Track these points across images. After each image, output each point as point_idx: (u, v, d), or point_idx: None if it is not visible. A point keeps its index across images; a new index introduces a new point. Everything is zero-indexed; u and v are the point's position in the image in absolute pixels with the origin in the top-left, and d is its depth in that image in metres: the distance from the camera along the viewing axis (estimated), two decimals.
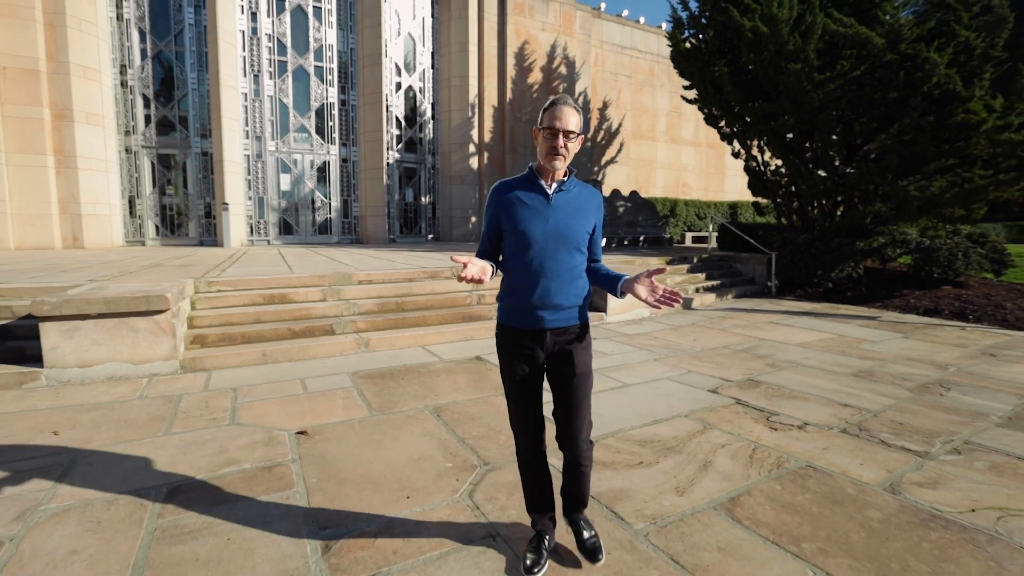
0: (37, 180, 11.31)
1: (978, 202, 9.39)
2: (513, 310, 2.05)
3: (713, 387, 4.63)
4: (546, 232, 1.96)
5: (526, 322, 2.03)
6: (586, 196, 2.07)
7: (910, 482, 2.94)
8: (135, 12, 12.70)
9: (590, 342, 2.15)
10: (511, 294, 2.05)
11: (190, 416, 3.85)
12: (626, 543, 2.35)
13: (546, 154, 1.95)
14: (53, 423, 3.69)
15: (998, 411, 4.08)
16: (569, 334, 2.06)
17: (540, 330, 2.02)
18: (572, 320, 2.06)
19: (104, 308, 4.52)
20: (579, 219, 2.02)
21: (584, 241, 2.05)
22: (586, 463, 2.18)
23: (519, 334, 2.05)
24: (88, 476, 2.93)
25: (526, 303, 2.01)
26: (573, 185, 2.05)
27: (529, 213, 1.97)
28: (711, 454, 3.27)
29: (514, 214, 1.99)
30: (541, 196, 2.00)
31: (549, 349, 2.05)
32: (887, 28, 8.96)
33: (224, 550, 2.28)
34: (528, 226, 1.97)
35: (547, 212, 1.98)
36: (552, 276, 1.98)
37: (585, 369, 2.09)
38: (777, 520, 2.54)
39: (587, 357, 2.12)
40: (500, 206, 2.03)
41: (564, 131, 1.90)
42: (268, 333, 5.51)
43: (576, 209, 2.02)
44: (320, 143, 14.99)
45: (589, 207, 2.06)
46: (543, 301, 1.98)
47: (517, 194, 2.01)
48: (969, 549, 2.33)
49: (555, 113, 1.92)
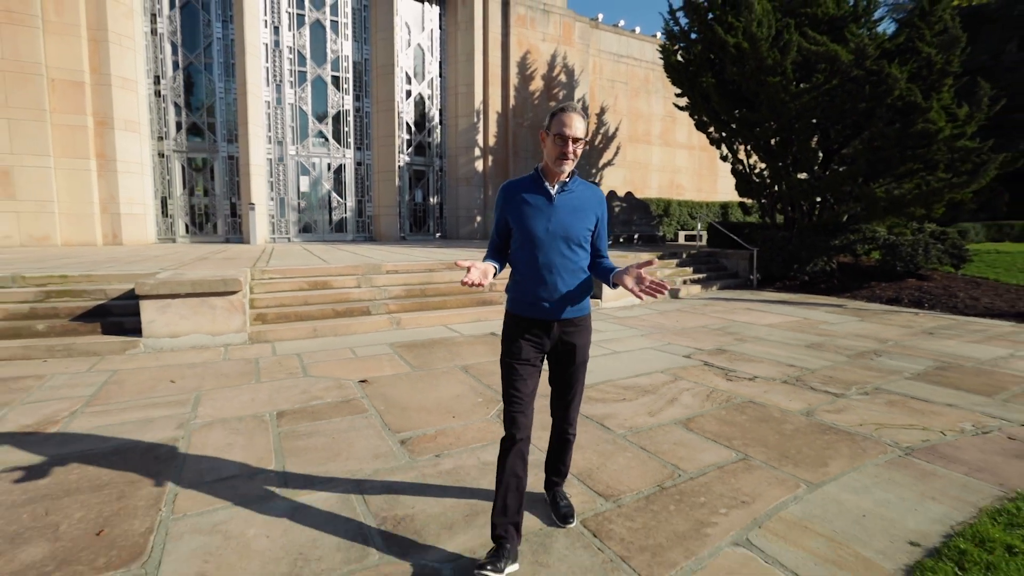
0: (81, 182, 12.33)
1: (936, 202, 10.40)
2: (522, 301, 2.19)
3: (687, 354, 5.66)
4: (549, 230, 2.10)
5: (534, 312, 2.16)
6: (588, 195, 2.20)
7: (822, 410, 3.97)
8: (168, 27, 13.74)
9: (590, 332, 2.31)
10: (520, 286, 2.19)
11: (271, 371, 4.87)
12: (609, 440, 3.38)
13: (556, 158, 2.07)
14: (167, 376, 4.72)
15: (912, 370, 5.11)
16: (573, 324, 2.21)
17: (548, 320, 2.16)
18: (576, 312, 2.20)
19: (191, 289, 5.55)
20: (580, 218, 2.15)
21: (586, 238, 2.18)
22: (572, 433, 2.39)
23: (528, 323, 2.18)
24: (213, 406, 3.96)
25: (534, 295, 2.14)
26: (576, 185, 2.18)
27: (533, 212, 2.11)
28: (677, 395, 4.30)
29: (519, 213, 2.13)
30: (544, 197, 2.13)
31: (555, 337, 2.19)
32: (854, 46, 9.98)
33: (332, 442, 3.31)
34: (532, 224, 2.10)
35: (549, 212, 2.11)
36: (556, 271, 2.11)
37: (584, 357, 2.28)
38: (719, 429, 3.57)
39: (587, 347, 2.29)
40: (507, 205, 2.18)
41: (573, 137, 2.03)
42: (316, 313, 6.54)
43: (577, 208, 2.15)
44: (337, 147, 16.04)
45: (590, 206, 2.19)
46: (549, 294, 2.12)
47: (523, 194, 2.15)
48: (848, 443, 3.36)
49: (564, 120, 2.03)
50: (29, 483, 2.78)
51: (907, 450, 3.26)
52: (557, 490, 2.49)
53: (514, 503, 2.09)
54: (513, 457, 2.12)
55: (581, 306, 2.21)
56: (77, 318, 5.78)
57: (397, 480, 2.84)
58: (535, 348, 2.18)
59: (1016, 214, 29.51)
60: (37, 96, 11.62)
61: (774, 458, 3.13)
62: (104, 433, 3.43)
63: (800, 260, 11.00)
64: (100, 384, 4.45)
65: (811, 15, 11.47)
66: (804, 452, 3.23)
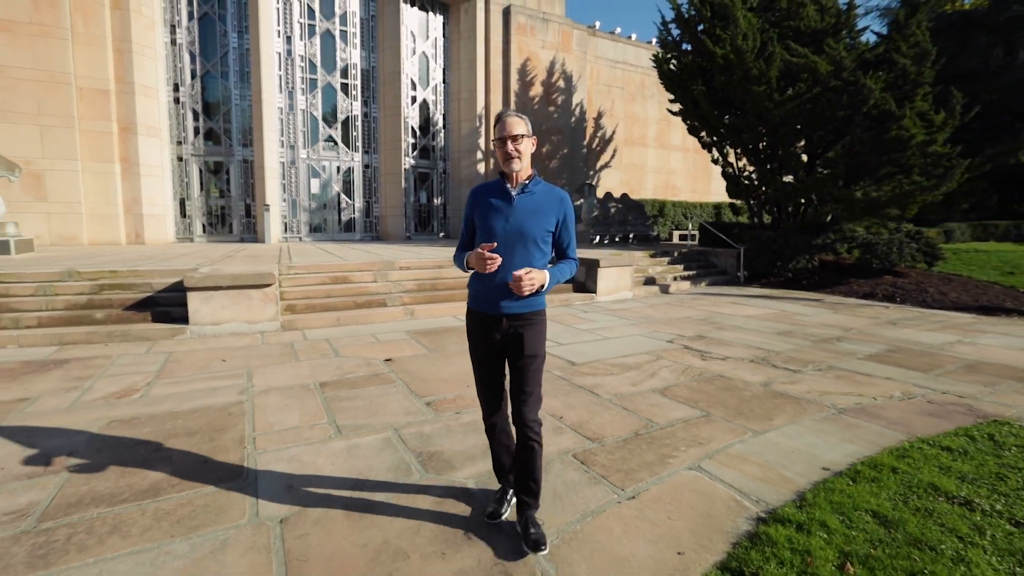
0: (106, 185, 13.03)
1: (910, 204, 11.12)
2: (477, 296, 2.31)
3: (669, 339, 6.39)
4: (506, 229, 2.19)
5: (487, 307, 2.26)
6: (549, 197, 2.27)
7: (778, 382, 4.70)
8: (187, 37, 14.45)
9: (543, 328, 2.33)
10: (477, 281, 2.30)
11: (306, 352, 5.60)
12: (598, 402, 4.11)
13: (503, 160, 2.20)
14: (216, 356, 5.44)
15: (865, 352, 5.84)
16: (523, 319, 2.26)
17: (498, 315, 2.25)
18: (526, 308, 2.25)
19: (231, 282, 6.28)
20: (539, 219, 2.22)
21: (543, 238, 2.25)
22: (535, 439, 2.26)
23: (482, 317, 2.30)
24: (265, 378, 4.69)
25: (487, 291, 2.25)
26: (537, 187, 2.27)
27: (493, 212, 2.22)
28: (658, 370, 5.03)
29: (482, 212, 2.25)
30: (505, 198, 2.23)
31: (505, 332, 2.26)
32: (832, 58, 10.70)
33: (370, 404, 4.04)
34: (492, 223, 2.21)
35: (508, 211, 2.21)
36: (511, 269, 2.16)
37: (534, 351, 2.27)
38: (689, 396, 4.30)
39: (537, 341, 2.29)
40: (474, 205, 2.31)
41: (511, 136, 2.15)
42: (338, 304, 7.27)
43: (536, 209, 2.23)
44: (345, 151, 16.75)
45: (550, 207, 2.26)
46: (500, 290, 2.21)
47: (487, 196, 2.27)
48: (793, 405, 4.09)
49: (502, 125, 2.18)
50: (136, 431, 3.51)
51: (841, 410, 3.99)
52: (529, 515, 2.32)
53: (507, 460, 2.53)
54: (496, 434, 2.49)
55: (532, 302, 2.26)
56: (129, 308, 6.51)
57: (427, 429, 3.57)
58: (491, 341, 2.30)
59: (1005, 214, 30.27)
60: (67, 104, 12.33)
61: (730, 415, 3.86)
62: (181, 398, 4.16)
63: (784, 258, 11.73)
64: (162, 362, 5.18)
65: (795, 27, 12.19)
66: (756, 411, 3.96)
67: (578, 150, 19.80)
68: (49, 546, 2.28)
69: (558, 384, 4.57)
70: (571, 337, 6.46)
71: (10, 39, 11.72)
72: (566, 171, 19.40)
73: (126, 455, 3.14)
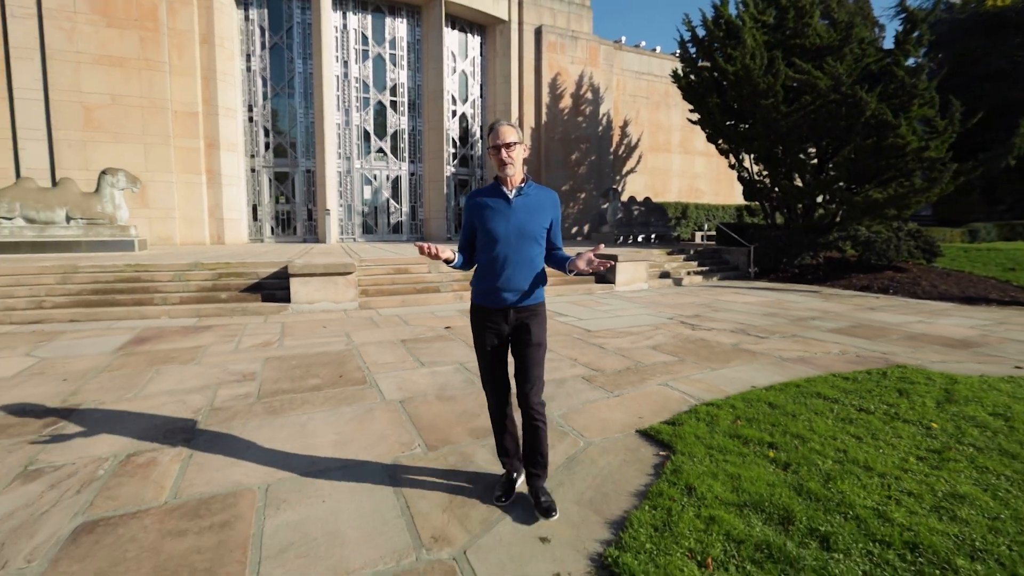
0: (194, 193, 15.22)
1: (906, 205, 12.18)
2: (483, 292, 2.45)
3: (670, 317, 7.84)
4: (508, 229, 2.34)
5: (494, 302, 2.41)
6: (543, 197, 2.44)
7: (745, 343, 6.12)
8: (259, 65, 16.60)
9: (545, 318, 2.51)
10: (482, 279, 2.44)
11: (383, 322, 7.30)
12: (603, 352, 5.64)
13: (498, 165, 2.35)
14: (318, 324, 7.19)
15: (830, 327, 7.16)
16: (528, 311, 2.44)
17: (505, 308, 2.40)
18: (530, 300, 2.43)
19: (323, 270, 8.05)
20: (536, 217, 2.39)
21: (541, 235, 2.43)
22: (540, 419, 2.47)
23: (488, 311, 2.45)
24: (360, 337, 6.38)
25: (493, 287, 2.39)
26: (531, 189, 2.42)
27: (494, 215, 2.36)
28: (653, 335, 6.52)
29: (483, 216, 2.38)
30: (503, 200, 2.37)
31: (512, 323, 2.43)
32: (831, 75, 11.89)
33: (440, 350, 5.68)
34: (493, 225, 2.35)
35: (508, 213, 2.35)
36: (514, 265, 2.35)
37: (539, 340, 2.45)
38: (672, 350, 5.78)
39: (541, 330, 2.47)
40: (472, 210, 2.42)
41: (504, 144, 2.31)
42: (401, 289, 8.98)
43: (533, 209, 2.39)
44: (394, 161, 18.67)
45: (545, 206, 2.43)
46: (507, 285, 2.37)
47: (485, 200, 2.40)
48: (749, 356, 5.52)
49: (496, 133, 2.34)
50: (287, 363, 5.24)
51: (784, 359, 5.41)
52: (539, 485, 2.53)
53: (512, 444, 2.67)
54: (499, 418, 2.64)
55: (534, 295, 2.46)
56: (243, 290, 8.37)
57: None
58: (497, 333, 2.47)
59: None
60: (164, 125, 14.55)
61: (700, 360, 5.34)
62: (306, 347, 5.89)
63: (789, 255, 12.93)
64: (280, 328, 6.96)
65: (800, 45, 13.39)
66: (719, 359, 5.42)
67: (605, 156, 21.22)
68: (272, 406, 3.98)
69: (576, 343, 6.12)
70: (590, 315, 7.98)
71: (123, 73, 13.99)
72: (594, 176, 20.84)
73: (289, 374, 4.86)
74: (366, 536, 2.37)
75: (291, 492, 2.74)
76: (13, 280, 7.96)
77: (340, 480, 2.87)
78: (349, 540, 2.34)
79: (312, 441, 3.37)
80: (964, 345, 6.11)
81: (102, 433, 3.49)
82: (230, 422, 3.69)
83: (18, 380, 4.68)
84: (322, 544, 2.31)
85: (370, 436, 3.46)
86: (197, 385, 4.52)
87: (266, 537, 2.36)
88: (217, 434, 3.49)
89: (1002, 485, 2.72)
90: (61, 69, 13.54)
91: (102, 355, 5.56)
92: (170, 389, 4.42)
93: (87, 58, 13.72)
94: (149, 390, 4.40)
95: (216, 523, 2.47)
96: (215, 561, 2.18)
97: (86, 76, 13.75)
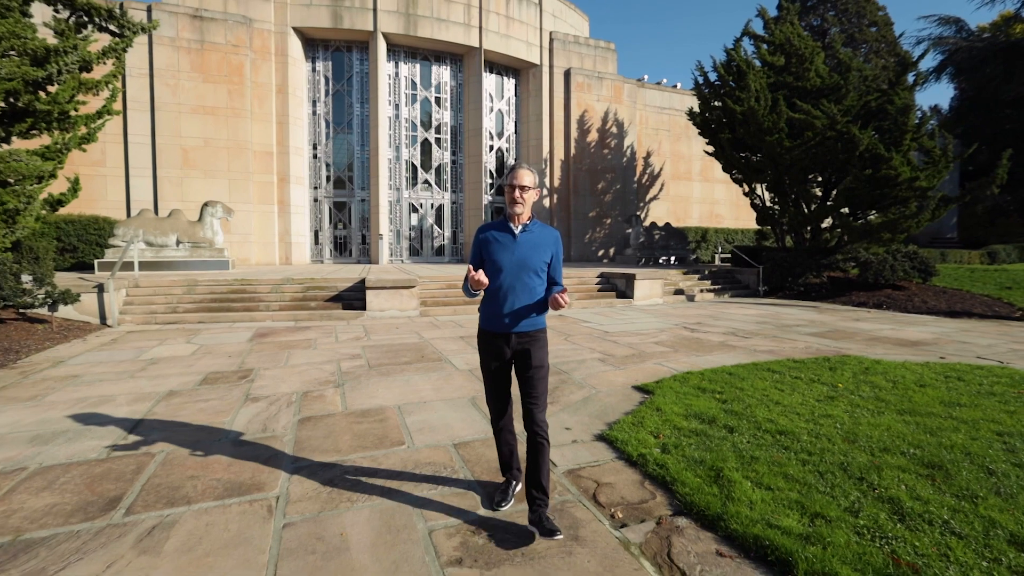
0: (267, 221, 17.60)
1: (899, 230, 13.49)
2: (488, 316, 2.72)
3: (676, 323, 9.45)
4: (512, 261, 2.64)
5: (497, 326, 2.68)
6: (545, 235, 2.72)
7: (730, 341, 7.71)
8: (323, 109, 19.13)
9: (545, 343, 2.75)
10: (488, 305, 2.72)
11: (442, 325, 9.14)
12: (616, 345, 7.33)
13: (509, 203, 2.65)
14: (391, 326, 9.07)
15: (809, 331, 8.66)
16: (528, 336, 2.69)
17: (507, 333, 2.67)
18: (531, 326, 2.68)
19: (392, 284, 9.99)
20: (538, 252, 2.68)
21: (542, 268, 2.70)
22: (543, 437, 2.65)
23: (493, 335, 2.71)
24: (427, 334, 8.23)
25: (498, 313, 2.67)
26: (535, 227, 2.71)
27: (500, 248, 2.66)
28: (659, 336, 8.15)
29: (490, 248, 2.68)
30: (510, 235, 2.67)
31: (514, 347, 2.69)
32: (827, 115, 13.44)
33: None
34: (499, 257, 2.65)
35: (513, 247, 2.65)
36: (516, 293, 2.65)
37: (540, 363, 2.69)
38: (671, 344, 7.42)
39: (543, 353, 2.71)
40: (482, 243, 2.72)
41: (520, 186, 2.61)
42: (453, 301, 10.85)
43: (536, 245, 2.68)
44: (438, 191, 20.86)
45: (547, 243, 2.71)
46: (509, 311, 2.65)
47: (494, 234, 2.70)
48: (730, 348, 7.12)
49: (514, 174, 2.63)
50: (379, 350, 7.10)
51: (756, 351, 6.98)
52: (541, 512, 2.58)
53: (514, 461, 2.94)
54: (503, 435, 2.90)
55: (535, 321, 2.68)
56: (327, 300, 10.37)
57: None
58: (499, 355, 2.70)
59: None
60: (246, 163, 17.02)
61: (690, 351, 6.97)
62: (389, 340, 7.75)
63: (794, 274, 14.33)
64: (362, 328, 8.86)
65: (801, 87, 15.00)
66: (705, 350, 7.03)
67: (629, 185, 22.96)
68: (382, 372, 5.81)
69: (596, 339, 7.81)
70: (609, 322, 9.66)
71: (214, 120, 16.57)
72: (619, 203, 22.59)
73: (384, 355, 6.71)
74: (465, 424, 4.15)
75: (415, 408, 4.55)
76: (152, 291, 10.15)
77: (442, 404, 4.66)
78: (455, 425, 4.11)
79: (416, 388, 5.18)
80: (913, 344, 7.55)
81: (279, 383, 5.38)
82: (358, 379, 5.54)
83: (196, 357, 6.66)
84: (440, 427, 4.09)
85: (453, 386, 5.25)
86: (323, 360, 6.42)
87: (407, 424, 4.16)
88: (354, 384, 5.34)
89: (862, 414, 4.28)
90: (166, 118, 16.18)
91: (240, 343, 7.54)
92: (306, 362, 6.32)
93: (186, 108, 16.35)
94: (292, 362, 6.31)
95: (377, 419, 4.28)
96: (384, 434, 3.98)
97: (185, 123, 16.36)
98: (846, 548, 2.39)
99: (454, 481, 3.18)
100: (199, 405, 4.64)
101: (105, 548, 2.48)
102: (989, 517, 2.64)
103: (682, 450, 3.50)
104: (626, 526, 2.69)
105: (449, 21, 19.24)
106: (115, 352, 6.93)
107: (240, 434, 3.94)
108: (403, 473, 3.28)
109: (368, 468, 3.35)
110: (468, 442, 3.78)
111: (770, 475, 3.11)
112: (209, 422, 4.20)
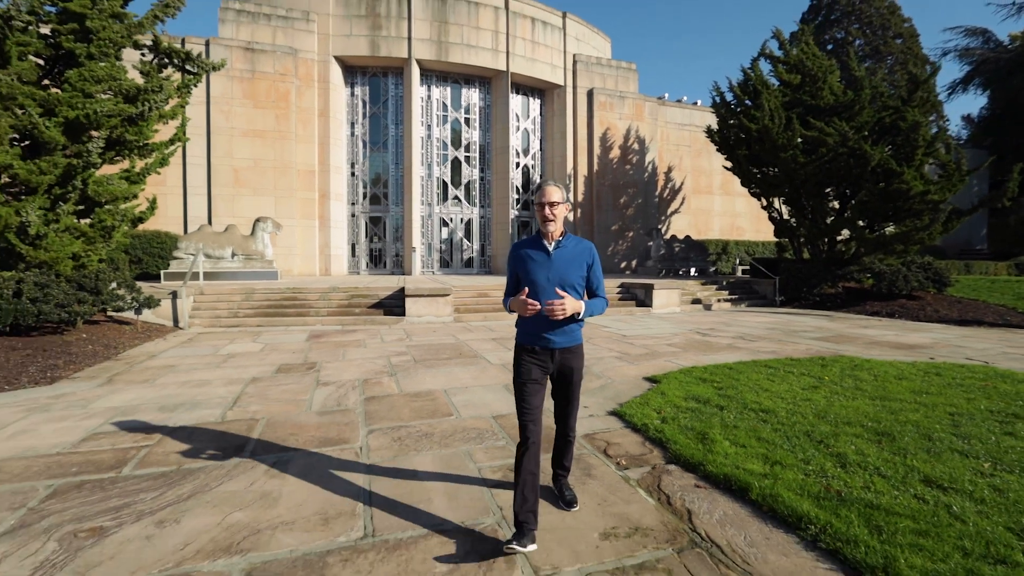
0: (309, 234, 18.92)
1: (912, 242, 13.94)
2: (528, 334, 2.77)
3: (689, 328, 10.19)
4: (548, 278, 2.67)
5: (539, 343, 2.73)
6: (580, 249, 2.78)
7: (737, 344, 8.43)
8: (361, 130, 20.49)
9: (583, 355, 2.88)
10: (526, 323, 2.76)
11: (475, 329, 10.06)
12: (632, 346, 8.14)
13: (541, 221, 2.72)
14: (429, 329, 10.03)
15: (815, 336, 9.30)
16: (570, 351, 2.78)
17: (550, 349, 2.73)
18: (570, 341, 2.77)
19: (429, 292, 10.98)
20: (574, 267, 2.72)
21: (579, 283, 2.75)
22: (572, 435, 2.98)
23: (532, 351, 2.75)
24: (462, 336, 9.16)
25: (539, 330, 2.71)
26: (568, 241, 2.75)
27: (536, 265, 2.69)
28: (672, 339, 8.92)
29: (526, 266, 2.72)
30: (544, 253, 2.71)
31: (557, 362, 2.76)
32: (839, 132, 14.04)
33: None
34: (535, 276, 2.68)
35: (548, 264, 2.69)
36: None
37: (579, 376, 2.86)
38: (683, 346, 8.19)
39: (581, 366, 2.86)
40: (516, 260, 2.79)
41: (549, 203, 2.66)
42: (484, 308, 11.78)
43: (571, 260, 2.72)
44: (467, 206, 21.97)
45: (582, 257, 2.76)
46: (549, 328, 2.69)
47: (528, 251, 2.74)
48: (735, 349, 7.85)
49: (542, 192, 2.70)
50: (422, 348, 8.06)
51: (759, 352, 7.70)
52: (563, 482, 3.03)
53: (532, 496, 2.54)
54: (528, 459, 2.60)
55: (574, 336, 2.78)
56: (370, 307, 11.42)
57: None
58: (540, 370, 2.74)
59: None
60: (290, 181, 18.40)
61: (698, 352, 7.73)
62: (429, 340, 8.70)
63: (809, 285, 14.86)
64: (404, 331, 9.85)
65: (816, 105, 15.63)
66: (712, 351, 7.78)
67: (651, 199, 23.71)
68: (427, 365, 6.76)
69: (615, 341, 8.62)
70: (628, 327, 10.44)
71: (262, 142, 18.02)
72: (640, 217, 23.33)
73: (427, 352, 7.65)
74: (501, 402, 5.05)
75: (458, 391, 5.46)
76: (215, 297, 11.36)
77: (481, 389, 5.57)
78: (493, 403, 5.01)
79: (457, 378, 6.10)
80: (910, 348, 8.15)
81: (341, 372, 6.37)
82: (407, 370, 6.49)
83: (265, 353, 7.71)
84: (480, 404, 4.99)
85: (489, 376, 6.15)
86: (374, 356, 7.40)
87: (453, 402, 5.07)
88: (404, 374, 6.29)
89: (838, 399, 5.02)
90: (220, 141, 17.68)
91: (299, 343, 8.59)
92: (360, 357, 7.31)
93: (238, 132, 17.83)
94: (348, 357, 7.31)
95: (428, 399, 5.20)
96: (435, 408, 4.89)
97: (237, 145, 17.84)
98: (792, 481, 3.18)
99: (495, 438, 4.08)
100: (281, 387, 5.64)
101: (244, 474, 3.43)
102: (912, 465, 3.40)
103: (678, 421, 4.33)
104: (627, 469, 3.54)
105: (478, 47, 20.47)
106: (195, 348, 8.05)
107: (320, 408, 4.91)
108: (454, 434, 4.18)
109: (426, 431, 4.26)
110: (505, 415, 4.67)
111: (746, 438, 3.91)
112: (293, 398, 5.20)
